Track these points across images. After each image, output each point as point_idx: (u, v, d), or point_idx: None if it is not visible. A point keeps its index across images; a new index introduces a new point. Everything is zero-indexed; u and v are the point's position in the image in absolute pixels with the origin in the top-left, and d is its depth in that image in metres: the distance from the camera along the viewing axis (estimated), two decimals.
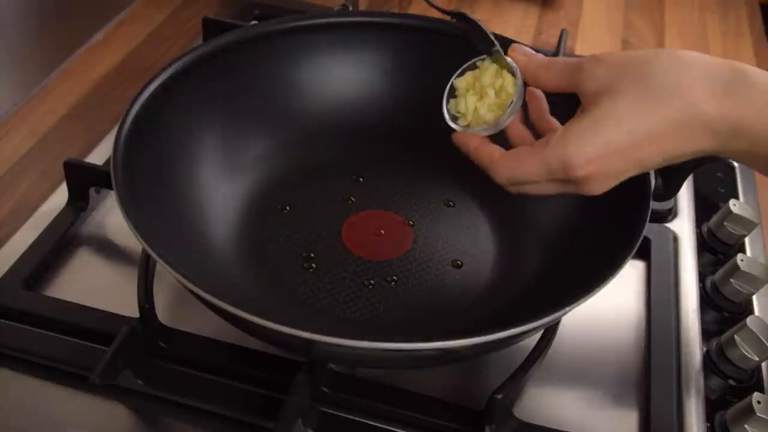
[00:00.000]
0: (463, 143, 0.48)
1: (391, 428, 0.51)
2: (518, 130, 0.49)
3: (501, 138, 0.49)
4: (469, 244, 0.60)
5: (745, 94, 0.40)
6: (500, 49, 0.48)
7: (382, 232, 0.61)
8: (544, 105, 0.50)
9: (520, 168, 0.44)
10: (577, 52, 0.92)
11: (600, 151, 0.42)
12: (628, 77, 0.42)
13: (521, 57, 0.47)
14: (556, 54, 0.82)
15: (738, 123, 0.40)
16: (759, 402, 0.51)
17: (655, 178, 0.52)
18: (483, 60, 0.50)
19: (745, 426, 0.51)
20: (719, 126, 0.40)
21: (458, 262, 0.59)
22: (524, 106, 0.49)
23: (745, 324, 0.56)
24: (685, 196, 0.70)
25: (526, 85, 0.48)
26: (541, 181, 0.44)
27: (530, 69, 0.47)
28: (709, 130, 0.41)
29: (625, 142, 0.41)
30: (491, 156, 0.46)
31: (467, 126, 0.49)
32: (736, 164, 0.75)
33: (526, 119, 0.50)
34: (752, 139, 0.40)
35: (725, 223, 0.65)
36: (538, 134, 0.49)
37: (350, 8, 0.84)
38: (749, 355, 0.55)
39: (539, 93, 0.50)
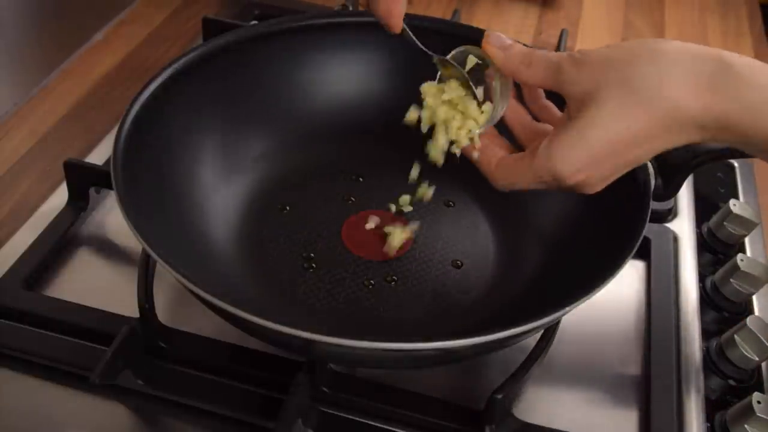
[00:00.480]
0: (466, 151, 0.49)
1: (391, 428, 0.51)
2: (515, 112, 0.49)
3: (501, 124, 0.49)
4: (469, 244, 0.60)
5: (731, 89, 0.39)
6: (474, 88, 0.48)
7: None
8: (540, 90, 0.49)
9: (514, 179, 0.46)
10: None
11: (588, 160, 0.42)
12: (611, 80, 0.41)
13: (498, 52, 0.45)
14: None
15: (723, 117, 0.40)
16: (759, 402, 0.51)
17: (655, 178, 0.52)
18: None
19: (745, 426, 0.51)
20: (705, 121, 0.40)
21: (458, 262, 0.59)
22: (518, 89, 0.49)
23: (745, 324, 0.56)
24: (685, 196, 0.70)
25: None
26: (537, 187, 0.45)
27: (509, 67, 0.45)
28: (694, 125, 0.40)
29: (613, 147, 0.42)
30: (489, 164, 0.47)
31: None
32: (736, 164, 0.75)
33: (521, 102, 0.50)
34: (741, 132, 0.40)
35: (725, 223, 0.65)
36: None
37: (350, 8, 0.84)
38: (749, 355, 0.55)
39: None
